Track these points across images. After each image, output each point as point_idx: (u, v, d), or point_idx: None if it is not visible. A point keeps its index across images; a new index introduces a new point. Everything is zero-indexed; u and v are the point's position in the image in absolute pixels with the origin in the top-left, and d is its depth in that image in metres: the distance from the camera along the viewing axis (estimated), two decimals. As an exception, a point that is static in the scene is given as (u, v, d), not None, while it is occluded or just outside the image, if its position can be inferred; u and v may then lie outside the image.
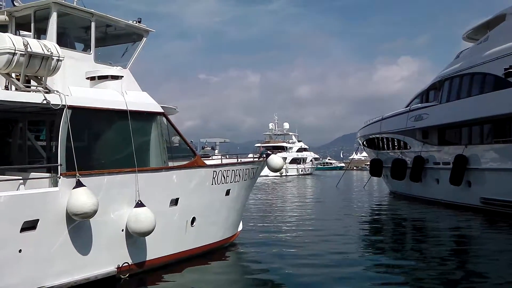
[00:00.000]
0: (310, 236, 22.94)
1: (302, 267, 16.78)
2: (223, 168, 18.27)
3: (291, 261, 17.58)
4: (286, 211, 34.63)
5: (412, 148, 42.69)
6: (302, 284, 14.93)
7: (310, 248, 19.99)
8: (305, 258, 18.07)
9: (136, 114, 15.12)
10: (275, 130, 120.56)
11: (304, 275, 15.67)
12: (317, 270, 16.34)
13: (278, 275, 15.94)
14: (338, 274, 15.87)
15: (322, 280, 15.13)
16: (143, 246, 15.09)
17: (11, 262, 11.69)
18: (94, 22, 15.52)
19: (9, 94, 12.57)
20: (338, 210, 35.48)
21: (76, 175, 12.83)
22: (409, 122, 42.80)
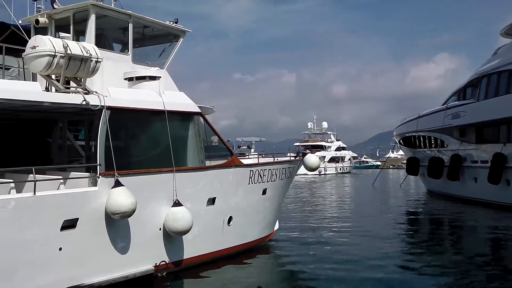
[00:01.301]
0: (347, 236, 22.80)
1: (338, 267, 16.67)
2: (260, 168, 18.31)
3: (327, 261, 17.51)
4: (324, 210, 34.47)
5: (449, 146, 42.16)
6: (337, 284, 14.82)
7: (346, 247, 19.87)
8: (341, 258, 17.95)
9: (174, 114, 15.25)
10: (314, 129, 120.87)
11: (339, 276, 15.57)
12: (353, 270, 16.21)
13: (313, 275, 15.91)
14: (375, 274, 15.73)
15: (358, 280, 15.01)
16: (180, 245, 15.23)
17: (51, 260, 11.91)
18: (131, 23, 15.66)
19: (50, 95, 12.79)
20: (375, 209, 35.27)
21: (115, 175, 13.01)
22: (446, 120, 42.27)
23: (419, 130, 48.46)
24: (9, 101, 11.75)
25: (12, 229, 11.09)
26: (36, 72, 13.00)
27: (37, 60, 12.44)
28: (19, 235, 11.22)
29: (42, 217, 11.61)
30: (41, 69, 12.57)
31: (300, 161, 21.30)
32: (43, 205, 11.63)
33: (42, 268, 11.74)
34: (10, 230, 11.06)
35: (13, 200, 11.19)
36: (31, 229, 11.41)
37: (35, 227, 11.48)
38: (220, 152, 17.34)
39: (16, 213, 11.17)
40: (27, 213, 11.34)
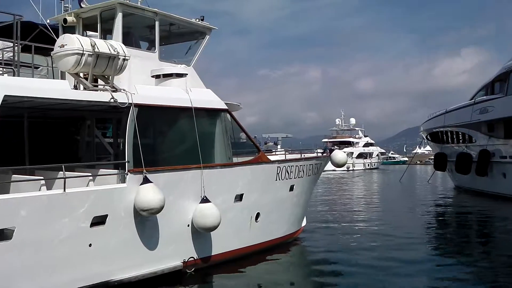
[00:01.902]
0: (375, 233, 22.62)
1: (365, 264, 16.58)
2: (287, 164, 18.28)
3: (354, 258, 17.38)
4: (351, 206, 34.35)
5: (477, 141, 41.74)
6: (365, 281, 14.70)
7: (375, 245, 19.70)
8: (368, 255, 17.84)
9: (201, 111, 15.31)
10: (342, 125, 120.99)
11: (367, 274, 15.46)
12: (380, 267, 16.05)
13: (341, 272, 15.87)
14: (403, 272, 15.54)
15: (387, 278, 14.85)
16: (208, 241, 15.29)
17: (82, 256, 12.05)
18: (158, 21, 15.74)
19: (78, 94, 12.91)
20: (402, 205, 35.03)
21: (143, 172, 13.10)
22: (474, 115, 41.84)
23: (446, 125, 48.07)
24: (39, 99, 11.90)
25: (43, 226, 11.24)
26: (65, 70, 13.13)
27: (66, 58, 12.55)
28: (50, 231, 11.37)
29: (72, 214, 11.75)
30: (70, 68, 12.67)
31: (327, 157, 21.24)
32: (73, 202, 11.78)
33: (73, 264, 11.89)
34: (41, 227, 11.21)
35: (44, 197, 11.35)
36: (61, 225, 11.55)
37: (66, 224, 11.63)
38: (247, 148, 17.38)
39: (47, 210, 11.32)
40: (57, 209, 11.49)
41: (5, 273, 10.72)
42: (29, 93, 11.61)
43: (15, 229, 10.79)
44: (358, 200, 38.62)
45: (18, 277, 10.94)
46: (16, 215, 10.80)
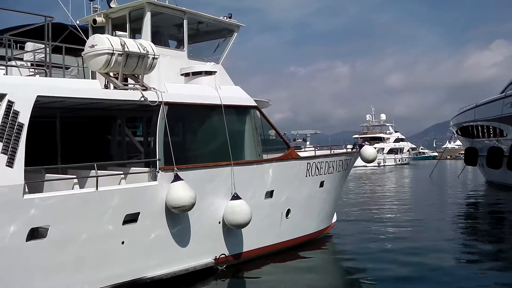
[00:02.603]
0: (406, 229, 22.46)
1: (395, 260, 16.50)
2: (317, 160, 18.25)
3: (385, 254, 17.33)
4: (382, 202, 34.13)
5: (509, 135, 41.20)
6: (395, 278, 14.58)
7: (405, 241, 19.55)
8: (398, 251, 17.71)
9: (230, 108, 15.35)
10: (372, 121, 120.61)
11: (397, 270, 15.34)
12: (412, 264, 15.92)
13: (371, 268, 15.77)
14: (435, 273, 15.20)
15: (418, 276, 14.70)
16: (239, 238, 15.34)
17: (115, 253, 12.20)
18: (186, 20, 15.82)
19: (109, 93, 13.05)
20: (433, 201, 34.67)
21: (174, 169, 13.19)
22: (505, 109, 41.29)
23: (477, 119, 47.55)
24: (71, 99, 12.06)
25: (76, 224, 11.39)
26: (95, 70, 13.27)
27: (96, 58, 12.70)
28: (83, 229, 11.51)
29: (105, 212, 11.89)
30: (100, 67, 12.81)
31: (357, 153, 21.17)
32: (106, 200, 11.92)
33: (106, 261, 12.04)
34: (74, 225, 11.36)
35: (77, 195, 11.50)
36: (94, 223, 11.70)
37: (99, 222, 11.78)
38: (277, 145, 17.39)
39: (80, 208, 11.47)
40: (90, 208, 11.63)
41: (40, 270, 10.89)
42: (61, 93, 11.76)
43: (49, 228, 10.95)
44: (389, 196, 38.32)
45: (53, 274, 11.09)
46: (50, 213, 10.95)
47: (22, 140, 10.73)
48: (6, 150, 10.44)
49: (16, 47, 14.69)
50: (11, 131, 10.58)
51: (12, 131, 10.59)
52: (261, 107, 17.15)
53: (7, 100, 10.64)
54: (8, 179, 10.40)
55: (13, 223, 10.42)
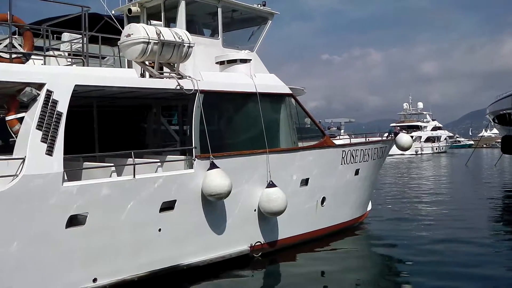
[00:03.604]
0: (442, 218, 22.18)
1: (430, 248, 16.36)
2: (352, 148, 18.17)
3: (420, 244, 17.14)
4: (418, 191, 33.73)
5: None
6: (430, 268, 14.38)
7: (440, 231, 19.24)
8: (434, 240, 17.50)
9: (266, 96, 15.35)
10: (409, 109, 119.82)
11: (432, 258, 15.23)
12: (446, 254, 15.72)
13: (406, 257, 15.65)
14: (471, 263, 14.91)
15: (452, 268, 14.40)
16: (274, 226, 15.38)
17: (152, 241, 12.34)
18: (220, 8, 15.85)
19: (146, 81, 13.15)
20: (470, 190, 34.22)
21: (210, 157, 13.26)
22: (543, 96, 40.54)
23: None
24: (108, 88, 12.18)
25: (114, 211, 11.56)
26: (131, 59, 13.36)
27: (132, 47, 12.78)
28: (121, 217, 11.67)
29: (142, 200, 12.03)
30: (136, 56, 12.89)
31: (392, 141, 21.02)
32: (143, 188, 12.05)
33: (144, 248, 12.19)
34: (112, 212, 11.53)
35: (115, 183, 11.64)
36: (132, 211, 11.84)
37: (136, 209, 11.92)
38: (312, 133, 17.34)
39: (118, 196, 11.62)
40: (128, 195, 11.77)
41: (79, 257, 11.07)
42: (98, 82, 11.89)
43: (88, 215, 11.12)
44: (426, 185, 37.87)
45: (91, 261, 11.27)
46: (89, 201, 11.12)
47: (61, 128, 10.89)
48: (45, 139, 10.60)
49: (53, 38, 14.87)
50: (50, 120, 10.74)
51: (51, 120, 10.76)
52: (296, 95, 17.10)
53: (46, 89, 10.81)
54: (47, 167, 10.57)
55: (52, 211, 10.61)
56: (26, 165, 10.29)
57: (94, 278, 11.34)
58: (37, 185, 10.38)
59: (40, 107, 10.66)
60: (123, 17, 16.71)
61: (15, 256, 10.15)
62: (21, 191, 10.17)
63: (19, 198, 10.13)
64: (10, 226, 10.05)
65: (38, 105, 10.69)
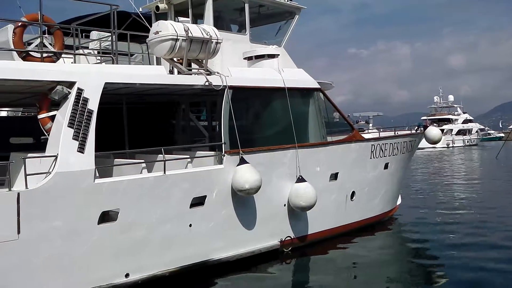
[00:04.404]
0: (473, 212, 21.95)
1: (460, 243, 16.21)
2: (381, 142, 18.07)
3: (449, 237, 17.04)
4: (449, 184, 33.38)
5: None
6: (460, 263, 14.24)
7: (471, 224, 19.08)
8: (463, 234, 17.34)
9: (294, 91, 15.32)
10: (440, 102, 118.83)
11: (462, 253, 15.08)
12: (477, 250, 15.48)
13: (436, 252, 15.55)
14: (504, 258, 14.62)
15: (486, 264, 14.09)
16: (304, 221, 15.37)
17: (183, 236, 12.43)
18: (247, 4, 15.88)
19: (174, 78, 13.21)
20: (500, 183, 33.71)
21: (240, 153, 13.29)
22: None
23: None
24: (138, 85, 12.28)
25: (145, 207, 11.66)
26: (160, 56, 13.47)
27: (161, 44, 12.87)
28: (152, 213, 11.78)
29: (173, 195, 12.12)
30: (165, 53, 12.99)
31: (421, 134, 20.87)
32: (174, 184, 12.14)
33: (174, 244, 12.28)
34: (143, 208, 11.63)
35: (146, 180, 11.74)
36: (163, 206, 11.94)
37: (167, 205, 12.02)
38: (341, 127, 17.28)
39: (149, 192, 11.72)
40: (159, 191, 11.86)
41: (111, 253, 11.20)
42: (128, 80, 11.99)
43: (119, 211, 11.24)
44: (457, 178, 37.42)
45: (123, 256, 11.39)
46: (120, 197, 11.24)
47: (91, 126, 11.00)
48: (77, 137, 10.73)
49: (82, 36, 15.01)
50: (81, 117, 10.86)
51: (82, 117, 10.87)
52: (324, 89, 17.05)
53: (77, 87, 10.92)
54: (79, 164, 10.70)
55: (85, 207, 10.74)
56: (59, 163, 10.42)
57: (126, 274, 11.46)
58: (70, 182, 10.51)
59: (71, 105, 10.79)
60: (150, 15, 16.82)
61: (49, 252, 10.30)
62: (54, 188, 10.31)
63: (52, 195, 10.27)
64: (44, 223, 10.19)
65: (69, 103, 10.81)
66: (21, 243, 9.92)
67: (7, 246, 9.78)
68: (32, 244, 10.08)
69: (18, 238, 9.88)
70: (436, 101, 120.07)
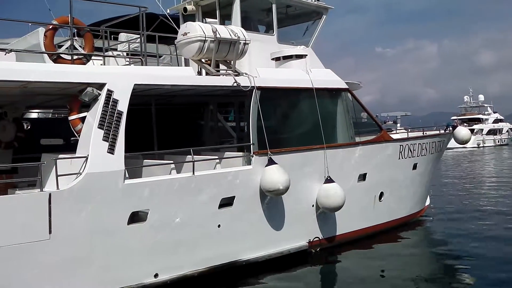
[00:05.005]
0: (502, 213, 21.50)
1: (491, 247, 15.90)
2: (410, 142, 17.94)
3: (478, 239, 16.83)
4: (478, 184, 32.99)
5: None
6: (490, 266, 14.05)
7: (501, 225, 18.81)
8: (493, 238, 17.02)
9: (322, 91, 15.28)
10: (470, 102, 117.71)
11: (492, 257, 14.81)
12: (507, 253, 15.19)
13: (465, 253, 15.33)
14: None
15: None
16: (332, 221, 15.33)
17: (211, 237, 12.47)
18: (275, 4, 15.90)
19: (202, 79, 13.31)
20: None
21: (268, 153, 13.29)
22: None
23: None
24: (167, 86, 12.37)
25: (175, 208, 11.73)
26: (188, 57, 13.56)
27: (189, 46, 12.98)
28: (181, 213, 11.84)
29: (202, 196, 12.16)
30: (193, 54, 13.08)
31: (450, 134, 20.69)
32: (202, 184, 12.19)
33: (203, 244, 12.33)
34: (173, 209, 11.70)
35: (175, 180, 11.81)
36: (192, 207, 12.01)
37: (196, 205, 12.08)
38: (369, 127, 17.21)
39: (178, 192, 11.78)
40: (188, 192, 11.93)
41: (140, 253, 11.29)
42: (157, 81, 12.09)
43: (149, 211, 11.32)
44: (488, 178, 36.90)
45: (152, 257, 11.47)
46: (150, 198, 11.32)
47: (121, 127, 11.10)
48: (107, 138, 10.82)
49: (111, 38, 15.17)
50: (111, 119, 10.96)
51: (112, 119, 10.97)
52: (352, 89, 17.00)
53: (107, 89, 11.03)
54: (109, 165, 10.80)
55: (115, 208, 10.85)
56: (89, 164, 10.53)
57: (155, 274, 11.53)
58: (100, 183, 10.62)
59: (101, 106, 10.89)
60: (177, 16, 16.92)
61: (79, 251, 10.41)
62: (84, 189, 10.42)
63: (82, 196, 10.39)
64: (74, 223, 10.31)
65: (99, 105, 10.92)
66: (52, 242, 10.05)
67: (39, 246, 9.91)
68: (63, 244, 10.20)
69: (50, 238, 10.01)
70: (466, 100, 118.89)
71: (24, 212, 9.79)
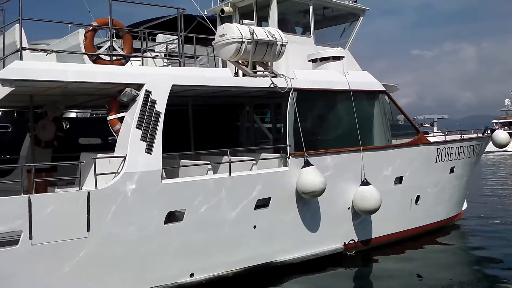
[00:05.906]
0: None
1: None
2: (447, 145, 17.74)
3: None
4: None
5: None
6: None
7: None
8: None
9: (359, 94, 15.24)
10: (511, 105, 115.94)
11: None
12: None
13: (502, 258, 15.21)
14: None
15: None
16: (368, 224, 15.25)
17: (247, 238, 12.52)
18: (312, 6, 15.85)
19: (240, 80, 13.37)
20: None
21: (304, 155, 13.28)
22: None
23: None
24: (204, 87, 12.49)
25: (211, 208, 11.79)
26: (226, 58, 13.61)
27: (227, 47, 13.03)
28: (218, 213, 11.91)
29: (238, 197, 12.22)
30: (231, 56, 13.14)
31: (488, 138, 20.40)
32: (239, 185, 12.25)
33: (239, 244, 12.39)
34: (209, 209, 11.77)
35: (212, 181, 11.89)
36: (228, 208, 12.06)
37: (232, 206, 12.14)
38: (406, 130, 17.08)
39: (215, 193, 11.86)
40: (224, 192, 11.98)
41: (177, 252, 11.40)
42: (194, 82, 12.19)
43: (185, 211, 11.40)
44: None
45: (188, 257, 11.58)
46: (186, 198, 11.42)
47: (159, 127, 11.21)
48: (145, 138, 10.95)
49: (149, 39, 15.31)
50: (149, 119, 11.08)
51: (150, 119, 11.10)
52: (390, 91, 16.89)
53: (145, 89, 11.16)
54: (147, 165, 10.92)
55: (152, 207, 10.96)
56: (127, 163, 10.66)
57: (191, 273, 11.62)
58: (138, 182, 10.73)
59: (139, 107, 11.02)
60: (214, 17, 16.99)
61: (116, 250, 10.56)
62: (123, 188, 10.54)
63: (120, 195, 10.51)
64: (112, 222, 10.44)
65: (137, 105, 11.05)
66: (90, 240, 10.19)
67: (77, 244, 10.06)
68: (100, 242, 10.34)
69: (88, 236, 10.15)
70: (507, 104, 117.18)
71: (63, 210, 9.94)
